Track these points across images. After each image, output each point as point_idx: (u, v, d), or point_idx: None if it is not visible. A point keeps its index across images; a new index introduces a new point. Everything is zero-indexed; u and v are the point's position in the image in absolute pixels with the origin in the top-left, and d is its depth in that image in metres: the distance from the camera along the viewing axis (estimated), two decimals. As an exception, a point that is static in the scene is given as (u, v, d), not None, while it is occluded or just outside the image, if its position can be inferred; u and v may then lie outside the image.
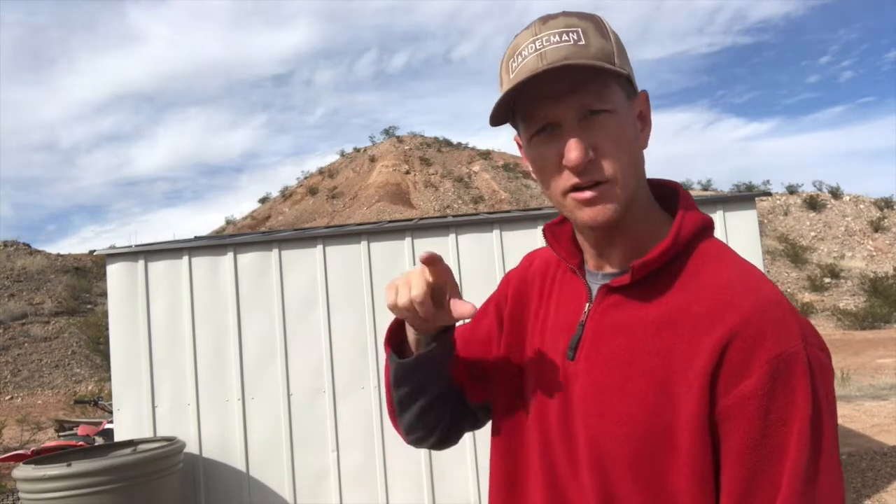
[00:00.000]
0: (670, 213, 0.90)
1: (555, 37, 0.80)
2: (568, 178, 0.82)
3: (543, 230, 0.98)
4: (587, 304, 0.89)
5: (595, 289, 0.89)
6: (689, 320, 0.79)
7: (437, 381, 0.98)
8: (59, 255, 29.72)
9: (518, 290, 1.04)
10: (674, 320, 0.80)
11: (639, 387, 0.79)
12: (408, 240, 4.33)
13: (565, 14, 0.82)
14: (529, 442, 0.94)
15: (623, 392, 0.80)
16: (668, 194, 0.92)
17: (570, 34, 0.80)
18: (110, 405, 5.17)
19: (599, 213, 0.81)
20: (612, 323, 0.85)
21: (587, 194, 0.81)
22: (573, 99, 0.80)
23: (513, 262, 4.49)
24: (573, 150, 0.79)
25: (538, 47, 0.80)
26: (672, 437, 0.76)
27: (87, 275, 26.47)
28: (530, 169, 0.89)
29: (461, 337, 1.05)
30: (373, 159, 73.43)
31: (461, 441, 1.18)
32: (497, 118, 0.85)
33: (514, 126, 0.90)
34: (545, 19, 0.83)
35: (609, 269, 0.89)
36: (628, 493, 0.79)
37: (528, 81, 0.78)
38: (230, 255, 4.37)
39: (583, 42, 0.79)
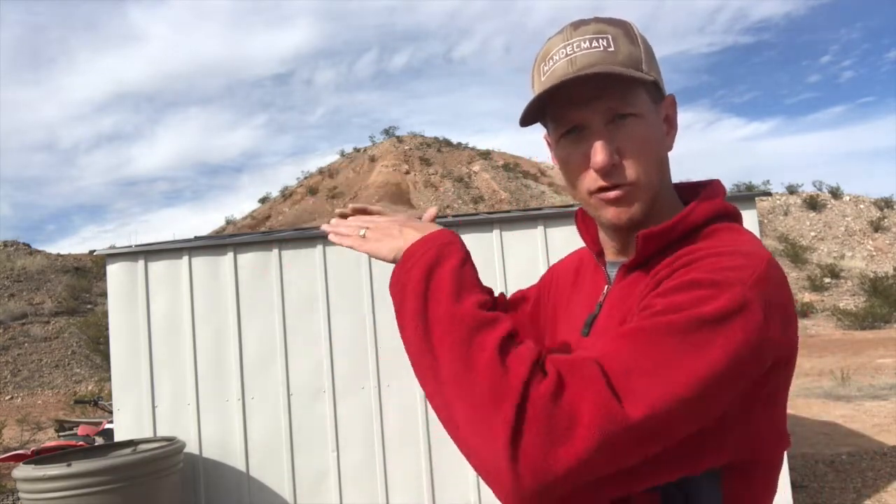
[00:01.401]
0: None
1: (585, 42, 0.83)
2: (594, 180, 0.84)
3: (576, 213, 1.02)
4: (606, 287, 0.94)
5: (613, 274, 0.93)
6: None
7: None
8: (59, 255, 29.74)
9: (559, 278, 1.12)
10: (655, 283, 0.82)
11: None
12: (408, 240, 4.32)
13: (597, 20, 0.85)
14: None
15: None
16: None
17: (601, 40, 0.83)
18: (110, 405, 5.17)
19: (624, 213, 0.85)
20: (620, 297, 0.88)
21: (612, 194, 0.84)
22: (600, 104, 0.82)
23: (513, 262, 4.50)
24: (599, 153, 0.81)
25: (568, 53, 0.83)
26: None
27: (87, 275, 26.48)
28: (557, 167, 0.93)
29: (510, 299, 1.22)
30: (373, 159, 73.43)
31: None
32: (526, 120, 0.88)
33: (544, 125, 0.92)
34: (577, 25, 0.85)
35: (627, 258, 0.92)
36: None
37: (558, 87, 0.81)
38: (230, 255, 4.37)
39: (612, 48, 0.82)
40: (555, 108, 0.85)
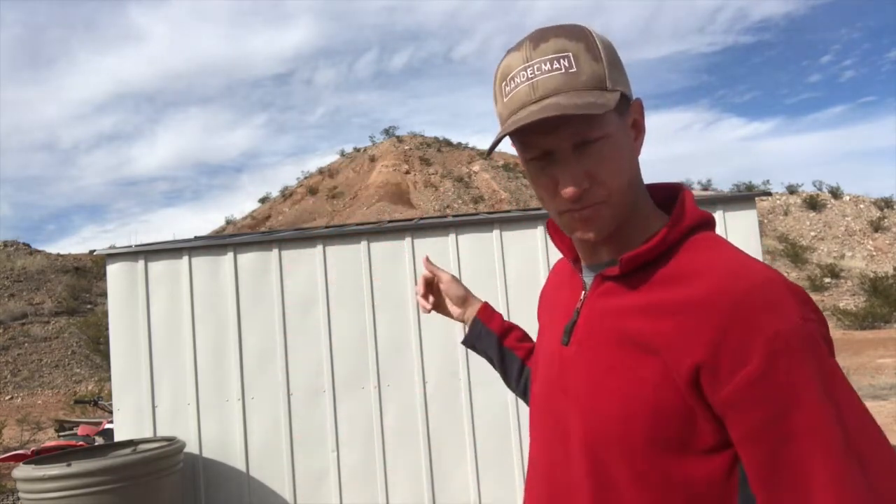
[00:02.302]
0: (670, 214, 0.93)
1: (545, 65, 0.81)
2: (564, 203, 0.85)
3: (547, 224, 1.03)
4: (582, 293, 0.94)
5: (589, 280, 0.93)
6: (673, 302, 0.80)
7: (492, 352, 1.32)
8: (59, 255, 29.74)
9: (544, 294, 1.14)
10: (658, 303, 0.81)
11: (628, 366, 0.81)
12: (408, 240, 4.33)
13: (556, 35, 0.83)
14: (536, 428, 0.99)
15: (614, 371, 0.83)
16: (673, 196, 0.95)
17: (561, 61, 0.81)
18: (110, 405, 5.17)
19: (591, 234, 0.86)
20: (604, 308, 0.88)
21: (580, 214, 0.84)
22: (566, 130, 0.81)
23: (513, 262, 4.50)
24: (568, 185, 0.82)
25: (529, 76, 0.82)
26: (658, 414, 0.78)
27: (87, 275, 26.50)
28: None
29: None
30: (373, 159, 73.44)
31: (461, 441, 1.27)
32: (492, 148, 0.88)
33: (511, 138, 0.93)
34: (536, 42, 0.83)
35: (602, 261, 0.93)
36: (616, 469, 0.81)
37: (522, 129, 0.80)
38: (230, 255, 4.37)
39: (574, 69, 0.81)
40: (520, 134, 0.84)
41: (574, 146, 0.82)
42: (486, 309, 1.35)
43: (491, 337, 1.32)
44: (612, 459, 0.81)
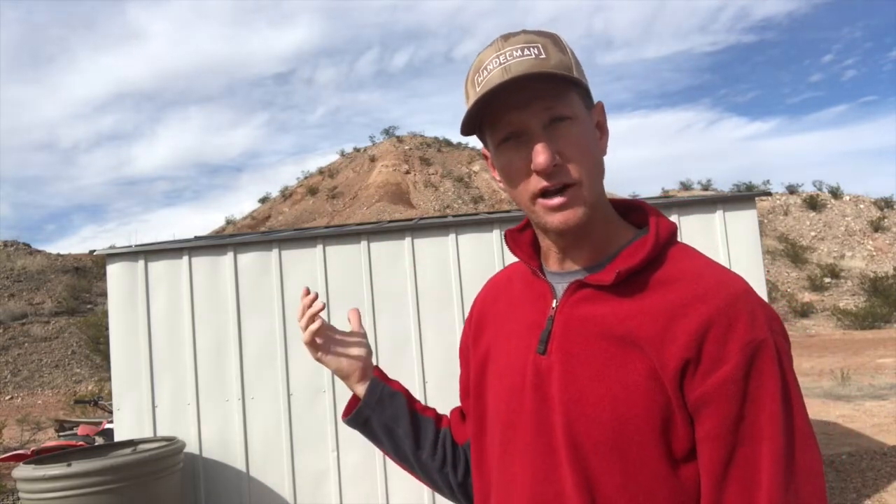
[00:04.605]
0: (632, 224, 0.95)
1: (517, 51, 0.84)
2: (537, 182, 0.85)
3: (504, 235, 1.03)
4: (554, 301, 0.92)
5: (559, 287, 0.92)
6: (661, 308, 0.82)
7: (398, 419, 1.12)
8: (59, 255, 29.74)
9: (480, 313, 1.10)
10: (646, 309, 0.83)
11: (616, 371, 0.82)
12: (408, 240, 4.33)
13: (525, 32, 0.88)
14: (504, 448, 0.93)
15: (601, 376, 0.83)
16: (630, 210, 0.97)
17: (532, 48, 0.85)
18: (110, 405, 5.17)
19: (569, 217, 0.86)
20: (584, 315, 0.87)
21: (556, 200, 0.85)
22: (537, 106, 0.84)
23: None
24: (541, 155, 0.83)
25: (502, 61, 0.84)
26: (650, 417, 0.79)
27: (87, 275, 26.51)
28: (498, 179, 0.93)
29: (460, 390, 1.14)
30: (373, 159, 73.43)
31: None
32: (467, 128, 0.90)
33: (482, 139, 0.93)
34: (507, 37, 0.87)
35: (574, 268, 0.93)
36: (607, 476, 0.81)
37: (496, 90, 0.82)
38: (230, 255, 4.37)
39: (543, 56, 0.84)
40: (492, 114, 0.86)
41: (545, 125, 0.84)
42: (381, 372, 1.18)
43: (397, 399, 1.13)
44: (603, 468, 0.80)
